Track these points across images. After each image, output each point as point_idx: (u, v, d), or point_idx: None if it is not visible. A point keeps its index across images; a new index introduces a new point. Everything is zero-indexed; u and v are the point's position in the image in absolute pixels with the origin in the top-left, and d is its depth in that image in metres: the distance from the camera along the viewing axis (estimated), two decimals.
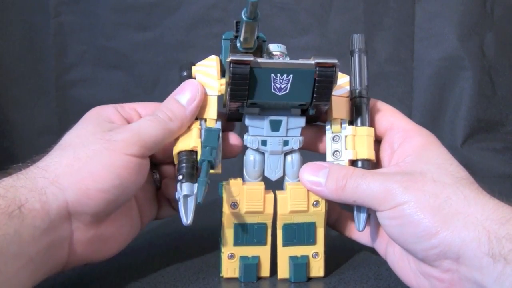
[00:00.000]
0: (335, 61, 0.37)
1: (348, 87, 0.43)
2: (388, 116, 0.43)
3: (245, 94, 0.38)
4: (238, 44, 0.39)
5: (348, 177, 0.38)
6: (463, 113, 0.82)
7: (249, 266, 0.41)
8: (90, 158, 0.36)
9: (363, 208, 0.41)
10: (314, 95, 0.38)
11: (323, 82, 0.38)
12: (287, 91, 0.38)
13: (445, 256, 0.34)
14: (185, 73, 0.43)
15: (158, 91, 0.81)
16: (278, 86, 0.38)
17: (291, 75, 0.38)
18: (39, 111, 0.81)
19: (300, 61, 0.38)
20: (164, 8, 0.80)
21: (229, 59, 0.36)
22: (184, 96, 0.40)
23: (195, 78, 0.42)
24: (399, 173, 0.38)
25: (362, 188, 0.37)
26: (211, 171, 0.38)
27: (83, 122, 0.41)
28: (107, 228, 0.38)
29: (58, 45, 0.80)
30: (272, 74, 0.38)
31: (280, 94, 0.38)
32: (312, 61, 0.37)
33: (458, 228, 0.34)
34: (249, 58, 0.36)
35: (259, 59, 0.37)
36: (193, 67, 0.42)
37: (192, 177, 0.39)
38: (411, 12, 0.81)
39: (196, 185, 0.38)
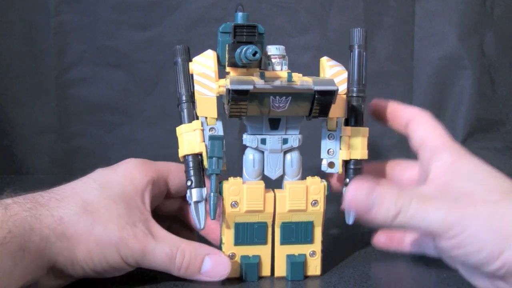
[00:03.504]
0: (335, 88, 0.38)
1: (346, 85, 0.43)
2: (421, 132, 0.42)
3: (244, 112, 0.39)
4: (237, 59, 0.38)
5: (401, 204, 0.35)
6: (463, 112, 0.82)
7: (250, 265, 0.41)
8: (98, 242, 0.37)
9: None
10: (313, 112, 0.40)
11: (322, 105, 0.39)
12: (286, 108, 0.39)
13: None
14: (179, 60, 0.42)
15: (158, 90, 0.81)
16: (277, 105, 0.39)
17: (290, 97, 0.39)
18: (39, 110, 0.81)
19: (300, 85, 0.38)
20: (164, 7, 0.79)
21: (228, 87, 0.37)
22: (209, 266, 0.40)
23: (192, 74, 0.42)
24: (446, 196, 0.36)
25: (418, 218, 0.35)
26: None
27: (119, 184, 0.40)
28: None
29: (58, 44, 0.80)
30: (271, 96, 0.39)
31: (278, 110, 0.40)
32: (312, 86, 0.38)
33: None
34: (249, 87, 0.37)
35: (259, 85, 0.37)
36: (190, 64, 0.42)
37: (200, 181, 0.41)
38: (411, 11, 0.81)
39: (204, 189, 0.41)
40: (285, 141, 0.41)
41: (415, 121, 0.43)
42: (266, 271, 0.42)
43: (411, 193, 0.36)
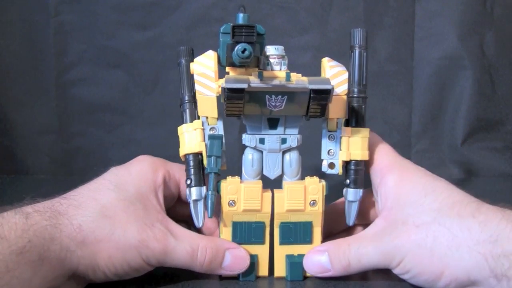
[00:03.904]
0: (330, 86, 0.38)
1: (346, 85, 0.43)
2: (371, 155, 0.44)
3: (240, 111, 0.39)
4: (234, 58, 0.38)
5: (347, 254, 0.39)
6: (463, 112, 0.82)
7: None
8: (119, 247, 0.37)
9: (354, 204, 0.43)
10: (309, 112, 0.40)
11: (318, 105, 0.39)
12: (282, 108, 0.40)
13: (462, 286, 0.36)
14: (183, 61, 0.43)
15: (158, 90, 0.81)
16: (273, 104, 0.39)
17: (286, 96, 0.39)
18: (39, 110, 0.81)
19: (295, 84, 0.39)
20: (164, 7, 0.80)
21: (223, 85, 0.37)
22: (230, 260, 0.40)
23: (193, 75, 0.42)
24: (386, 229, 0.39)
25: (364, 261, 0.39)
26: None
27: (134, 185, 0.41)
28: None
29: (58, 44, 0.80)
30: (267, 95, 0.39)
31: (275, 110, 0.40)
32: (307, 85, 0.38)
33: (456, 261, 0.35)
34: (243, 85, 0.37)
35: (253, 84, 0.38)
36: (191, 65, 0.42)
37: (199, 180, 0.41)
38: (411, 11, 0.81)
39: (203, 188, 0.41)
40: (283, 141, 0.42)
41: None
42: (263, 271, 0.42)
43: (354, 242, 0.40)
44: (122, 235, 0.37)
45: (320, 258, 0.40)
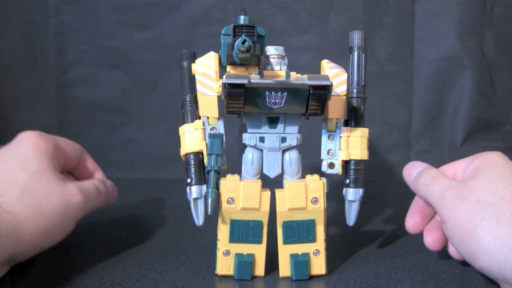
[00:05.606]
0: (329, 82, 0.38)
1: (345, 86, 0.43)
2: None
3: (241, 108, 0.40)
4: (234, 56, 0.39)
5: (426, 175, 0.43)
6: (462, 112, 0.82)
7: (243, 263, 0.41)
8: (49, 216, 0.40)
9: (354, 203, 0.43)
10: (309, 109, 0.40)
11: (317, 101, 0.39)
12: (282, 105, 0.40)
13: (495, 275, 0.36)
14: (185, 64, 0.44)
15: (158, 90, 0.81)
16: (273, 101, 0.40)
17: (285, 93, 0.39)
18: (39, 110, 0.81)
19: (295, 80, 0.39)
20: (164, 7, 0.80)
21: (224, 81, 0.37)
22: (111, 191, 0.50)
23: (194, 75, 0.43)
24: (456, 184, 0.41)
25: (430, 188, 0.42)
26: None
27: (34, 159, 0.44)
28: None
29: (58, 45, 0.80)
30: (267, 92, 0.39)
31: (275, 107, 0.40)
32: (306, 81, 0.38)
33: (489, 252, 0.35)
34: (244, 81, 0.37)
35: (253, 80, 0.38)
36: (193, 65, 0.43)
37: (200, 179, 0.42)
38: (411, 12, 0.81)
39: (204, 187, 0.42)
40: (283, 139, 0.42)
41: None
42: (259, 271, 0.42)
43: (434, 172, 0.43)
44: (50, 200, 0.41)
45: (417, 168, 0.45)
